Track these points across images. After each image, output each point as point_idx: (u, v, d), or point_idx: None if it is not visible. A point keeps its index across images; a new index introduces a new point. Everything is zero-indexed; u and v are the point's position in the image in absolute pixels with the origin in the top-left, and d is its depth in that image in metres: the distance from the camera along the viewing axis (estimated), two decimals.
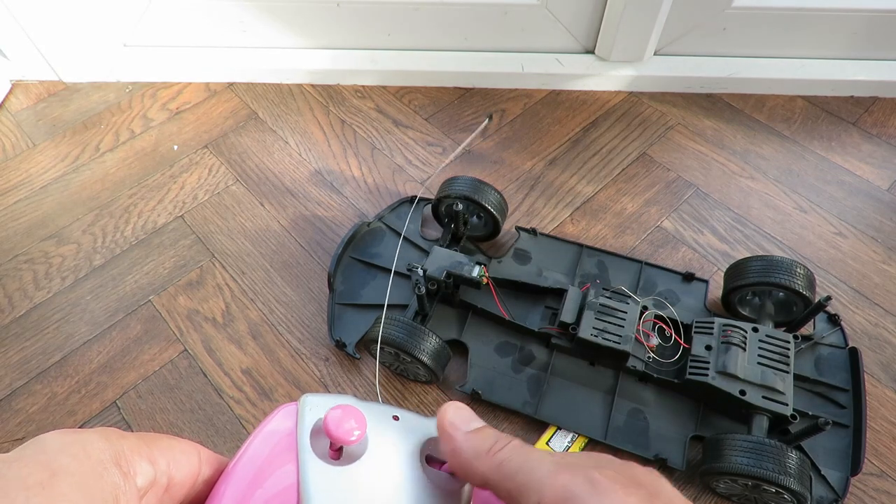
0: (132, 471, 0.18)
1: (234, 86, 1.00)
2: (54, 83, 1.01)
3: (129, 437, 0.19)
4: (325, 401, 0.22)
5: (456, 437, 0.21)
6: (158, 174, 0.89)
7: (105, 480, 0.17)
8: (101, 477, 0.17)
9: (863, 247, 0.77)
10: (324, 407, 0.22)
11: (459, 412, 0.22)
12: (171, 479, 0.20)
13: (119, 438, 0.19)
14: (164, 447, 0.20)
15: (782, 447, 0.52)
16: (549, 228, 0.80)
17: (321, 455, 0.21)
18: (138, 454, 0.19)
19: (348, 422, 0.20)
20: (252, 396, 0.68)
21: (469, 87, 0.98)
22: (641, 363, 0.63)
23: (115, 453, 0.18)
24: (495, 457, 0.20)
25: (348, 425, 0.20)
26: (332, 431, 0.20)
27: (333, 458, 0.21)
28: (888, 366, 0.68)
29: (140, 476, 0.19)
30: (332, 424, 0.20)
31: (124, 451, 0.18)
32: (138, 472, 0.18)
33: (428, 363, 0.61)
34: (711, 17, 0.89)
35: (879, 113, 0.92)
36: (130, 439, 0.19)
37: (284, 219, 0.83)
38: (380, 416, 0.23)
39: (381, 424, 0.22)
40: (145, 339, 0.72)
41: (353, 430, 0.20)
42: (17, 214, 0.84)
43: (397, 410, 0.23)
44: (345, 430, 0.20)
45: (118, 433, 0.19)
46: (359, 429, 0.21)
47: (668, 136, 0.90)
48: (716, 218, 0.81)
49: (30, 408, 0.68)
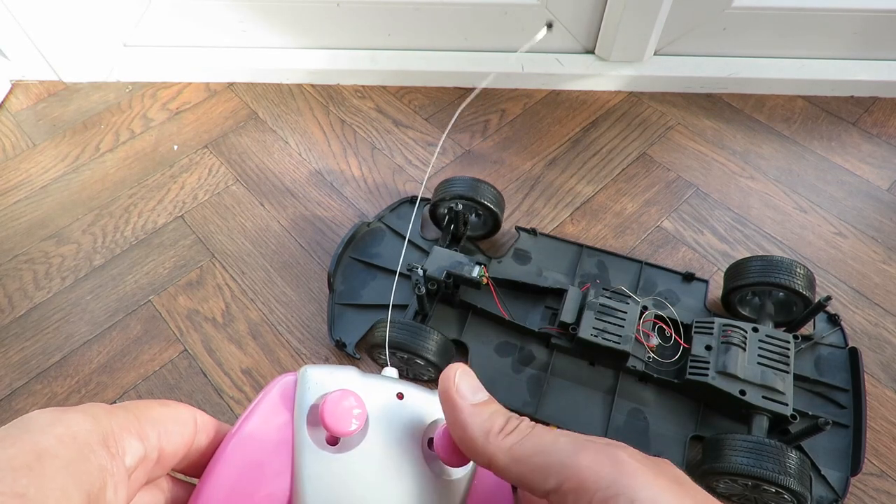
0: (120, 450, 0.18)
1: (234, 86, 1.00)
2: (54, 83, 1.01)
3: (117, 412, 0.18)
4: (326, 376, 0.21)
5: (462, 409, 0.20)
6: (158, 174, 0.89)
7: (92, 463, 0.16)
8: (87, 460, 0.16)
9: (863, 247, 0.77)
10: (322, 385, 0.21)
11: (466, 378, 0.20)
12: (162, 450, 0.19)
13: (107, 416, 0.18)
14: (155, 418, 0.20)
15: (782, 447, 0.52)
16: (549, 228, 0.80)
17: (317, 441, 0.20)
18: (127, 431, 0.18)
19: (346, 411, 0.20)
20: (252, 396, 0.68)
21: (469, 87, 0.98)
22: (641, 363, 0.63)
23: (103, 434, 0.17)
24: (507, 438, 0.19)
25: (346, 416, 0.19)
26: (328, 423, 0.19)
27: (330, 444, 0.20)
28: (888, 366, 0.68)
29: (129, 455, 0.18)
30: (328, 415, 0.19)
31: (112, 430, 0.18)
32: (127, 451, 0.18)
33: (435, 361, 0.61)
34: (711, 17, 0.89)
35: (879, 113, 0.92)
36: (118, 415, 0.18)
37: (284, 219, 0.83)
38: (383, 395, 0.21)
39: (383, 406, 0.21)
40: (145, 339, 0.72)
41: (351, 421, 0.20)
42: (17, 214, 0.84)
43: (402, 386, 0.22)
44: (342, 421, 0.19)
45: (106, 409, 0.18)
46: (357, 418, 0.20)
47: (668, 136, 0.90)
48: (716, 218, 0.81)
49: (30, 408, 0.68)
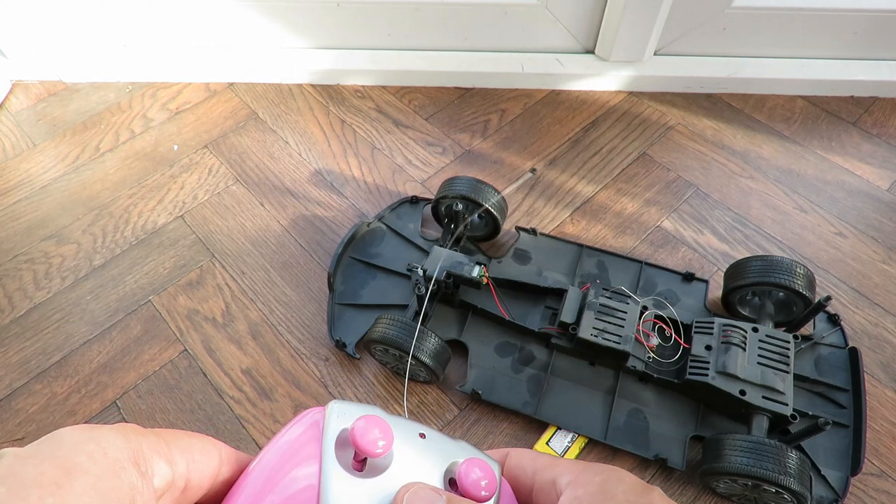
0: (150, 471, 0.18)
1: (234, 86, 1.00)
2: (54, 83, 1.01)
3: (148, 435, 0.19)
4: (353, 410, 0.22)
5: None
6: (158, 174, 0.89)
7: (122, 480, 0.16)
8: (117, 476, 0.16)
9: (863, 247, 0.77)
10: (350, 416, 0.21)
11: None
12: (189, 480, 0.19)
13: (138, 436, 0.18)
14: (184, 447, 0.20)
15: (782, 447, 0.52)
16: (549, 228, 0.80)
17: (345, 465, 0.20)
18: (157, 454, 0.18)
19: (375, 433, 0.20)
20: (252, 396, 0.68)
21: (469, 87, 0.98)
22: (641, 363, 0.63)
23: (133, 452, 0.17)
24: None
25: (374, 436, 0.20)
26: (358, 441, 0.20)
27: (357, 470, 0.20)
28: (888, 366, 0.68)
29: (158, 477, 0.18)
30: (358, 434, 0.20)
31: (143, 450, 0.18)
32: (156, 473, 0.18)
33: (428, 363, 0.61)
34: (711, 17, 0.89)
35: (879, 113, 0.92)
36: (150, 438, 0.18)
37: (284, 219, 0.83)
38: (406, 432, 0.22)
39: (407, 440, 0.22)
40: (145, 339, 0.72)
41: (379, 442, 0.20)
42: (17, 214, 0.84)
43: (424, 428, 0.23)
44: (371, 441, 0.20)
45: (137, 430, 0.18)
46: (384, 440, 0.20)
47: (668, 136, 0.90)
48: (716, 218, 0.81)
49: (30, 408, 0.68)
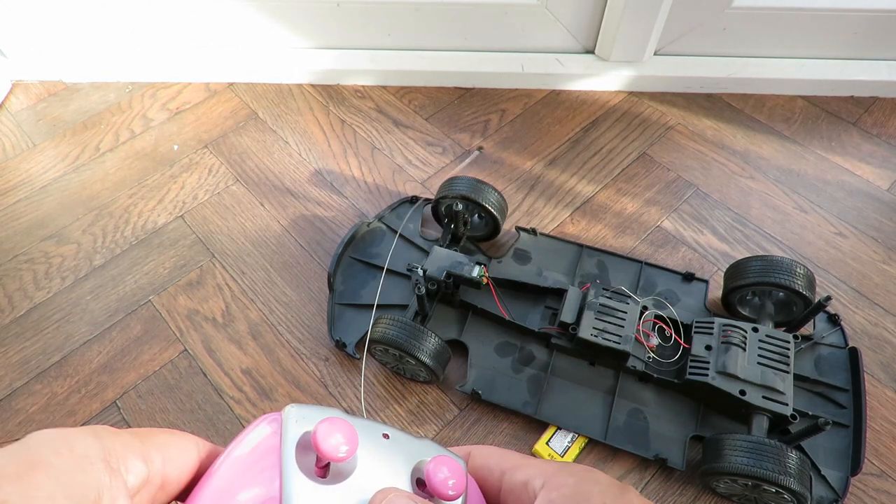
0: (124, 468, 0.18)
1: (234, 86, 1.00)
2: (54, 83, 1.01)
3: (122, 434, 0.19)
4: (312, 413, 0.21)
5: None
6: (158, 174, 0.89)
7: (88, 475, 0.17)
8: (83, 472, 0.17)
9: (863, 247, 0.77)
10: (310, 420, 0.20)
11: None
12: (166, 476, 0.20)
13: (111, 436, 0.18)
14: (160, 444, 0.20)
15: (782, 447, 0.52)
16: (549, 228, 0.80)
17: (307, 471, 0.19)
18: (131, 452, 0.19)
19: (338, 437, 0.19)
20: (252, 396, 0.68)
21: (469, 87, 0.98)
22: (641, 363, 0.63)
23: (104, 451, 0.18)
24: None
25: (337, 440, 0.19)
26: (321, 446, 0.19)
27: (320, 476, 0.19)
28: (888, 366, 0.68)
29: (132, 475, 0.18)
30: (321, 438, 0.19)
31: (115, 449, 0.18)
32: (130, 471, 0.18)
33: (428, 363, 0.61)
34: (711, 17, 0.89)
35: (879, 113, 0.92)
36: (124, 437, 0.19)
37: (284, 219, 0.83)
38: (369, 434, 0.21)
39: (370, 442, 0.21)
40: (145, 339, 0.72)
41: (342, 447, 0.19)
42: (17, 214, 0.84)
43: (387, 428, 0.22)
44: (334, 446, 0.19)
45: (111, 431, 0.19)
46: (348, 444, 0.19)
47: (668, 136, 0.90)
48: (716, 218, 0.81)
49: (30, 408, 0.68)
